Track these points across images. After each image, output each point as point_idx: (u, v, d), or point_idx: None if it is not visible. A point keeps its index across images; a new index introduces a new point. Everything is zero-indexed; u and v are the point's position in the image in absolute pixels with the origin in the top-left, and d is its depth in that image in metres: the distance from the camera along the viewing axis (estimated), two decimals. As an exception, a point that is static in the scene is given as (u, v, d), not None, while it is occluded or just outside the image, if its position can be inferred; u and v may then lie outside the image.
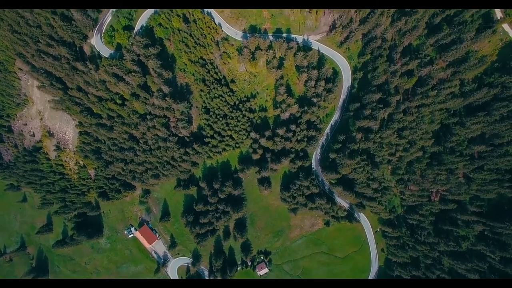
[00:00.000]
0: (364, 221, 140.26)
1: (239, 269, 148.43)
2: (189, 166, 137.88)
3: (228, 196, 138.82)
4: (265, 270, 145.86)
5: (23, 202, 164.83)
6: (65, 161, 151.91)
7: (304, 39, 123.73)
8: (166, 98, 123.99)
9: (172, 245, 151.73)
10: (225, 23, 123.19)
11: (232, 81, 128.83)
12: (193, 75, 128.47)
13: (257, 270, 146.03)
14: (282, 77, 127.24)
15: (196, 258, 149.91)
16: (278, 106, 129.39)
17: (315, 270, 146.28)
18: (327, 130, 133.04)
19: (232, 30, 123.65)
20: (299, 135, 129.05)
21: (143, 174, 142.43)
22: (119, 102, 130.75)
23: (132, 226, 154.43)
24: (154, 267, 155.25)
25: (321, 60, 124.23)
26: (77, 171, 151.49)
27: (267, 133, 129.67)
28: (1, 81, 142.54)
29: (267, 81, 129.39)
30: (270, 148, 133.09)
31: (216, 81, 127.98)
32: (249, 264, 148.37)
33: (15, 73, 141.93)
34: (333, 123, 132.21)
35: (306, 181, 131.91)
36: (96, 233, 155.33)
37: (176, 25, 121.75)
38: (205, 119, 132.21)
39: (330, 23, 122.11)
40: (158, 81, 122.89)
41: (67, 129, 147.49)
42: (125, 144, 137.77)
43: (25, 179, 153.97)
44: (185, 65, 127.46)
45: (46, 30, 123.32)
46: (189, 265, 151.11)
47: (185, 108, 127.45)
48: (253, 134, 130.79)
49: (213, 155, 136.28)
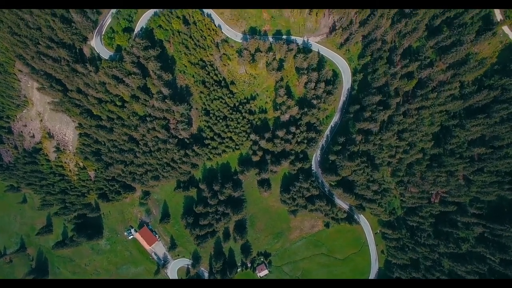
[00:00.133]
0: (364, 222, 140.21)
1: (239, 270, 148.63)
2: (189, 167, 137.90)
3: (228, 197, 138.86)
4: (265, 271, 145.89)
5: (23, 203, 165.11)
6: (65, 163, 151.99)
7: (304, 41, 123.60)
8: (166, 100, 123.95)
9: (172, 246, 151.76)
10: (225, 25, 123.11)
11: (232, 83, 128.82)
12: (193, 77, 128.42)
13: (257, 271, 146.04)
14: (282, 79, 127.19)
15: (196, 259, 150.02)
16: (278, 108, 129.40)
17: (315, 271, 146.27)
18: (327, 132, 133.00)
19: (232, 32, 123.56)
20: (299, 137, 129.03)
21: (143, 175, 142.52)
22: (119, 104, 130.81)
23: (132, 227, 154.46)
24: (154, 268, 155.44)
25: (321, 62, 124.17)
26: (77, 173, 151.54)
27: (267, 135, 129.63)
28: (1, 83, 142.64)
29: (267, 83, 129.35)
30: (270, 150, 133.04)
31: (216, 83, 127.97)
32: (249, 265, 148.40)
33: (15, 75, 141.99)
34: (333, 125, 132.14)
35: (306, 183, 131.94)
36: (96, 235, 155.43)
37: (176, 27, 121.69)
38: (205, 120, 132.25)
39: (330, 25, 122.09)
40: (158, 83, 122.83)
41: (67, 130, 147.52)
42: (125, 145, 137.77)
43: (25, 180, 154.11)
44: (185, 67, 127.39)
45: (46, 32, 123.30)
46: (189, 267, 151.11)
47: (185, 110, 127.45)
48: (253, 136, 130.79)
49: (213, 156, 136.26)
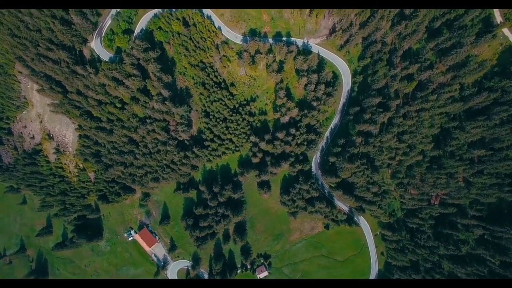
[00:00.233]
0: (363, 224, 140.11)
1: (239, 272, 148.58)
2: (188, 169, 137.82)
3: (227, 199, 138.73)
4: (265, 273, 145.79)
5: (23, 204, 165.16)
6: (65, 164, 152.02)
7: (304, 43, 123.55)
8: (165, 102, 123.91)
9: (172, 248, 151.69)
10: (225, 26, 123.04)
11: (232, 84, 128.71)
12: (193, 78, 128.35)
13: (256, 273, 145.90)
14: (282, 80, 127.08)
15: (196, 261, 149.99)
16: (278, 109, 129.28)
17: (314, 273, 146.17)
18: (327, 133, 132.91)
19: (232, 33, 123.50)
20: (299, 138, 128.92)
21: (143, 177, 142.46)
22: (118, 105, 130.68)
23: (132, 229, 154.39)
24: (153, 270, 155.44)
25: (321, 63, 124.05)
26: (77, 174, 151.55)
27: (267, 136, 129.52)
28: (1, 84, 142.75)
29: (267, 84, 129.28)
30: (270, 151, 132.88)
31: (216, 85, 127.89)
32: (248, 267, 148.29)
33: (15, 76, 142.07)
34: (333, 127, 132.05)
35: (305, 184, 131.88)
36: (96, 236, 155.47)
37: (175, 28, 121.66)
38: (204, 122, 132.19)
39: (330, 27, 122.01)
40: (157, 85, 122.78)
41: (66, 132, 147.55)
42: (125, 147, 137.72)
43: (25, 181, 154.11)
44: (185, 68, 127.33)
45: (45, 34, 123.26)
46: (189, 268, 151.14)
47: (184, 111, 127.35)
48: (252, 137, 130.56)
49: (213, 158, 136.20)
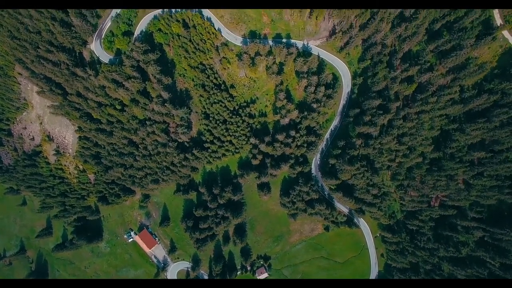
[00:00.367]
0: (363, 226, 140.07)
1: (238, 273, 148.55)
2: (188, 171, 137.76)
3: (227, 201, 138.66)
4: (265, 274, 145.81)
5: (23, 205, 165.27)
6: (65, 165, 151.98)
7: (304, 45, 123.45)
8: (165, 103, 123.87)
9: (171, 249, 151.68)
10: (225, 28, 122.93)
11: (231, 86, 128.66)
12: (193, 80, 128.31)
13: (256, 274, 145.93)
14: (281, 82, 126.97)
15: (195, 262, 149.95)
16: (277, 111, 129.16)
17: (314, 274, 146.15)
18: (327, 135, 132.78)
19: (231, 35, 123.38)
20: (298, 140, 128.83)
21: (143, 179, 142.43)
22: (118, 107, 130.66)
23: (132, 230, 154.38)
24: (153, 271, 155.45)
25: (321, 65, 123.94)
26: (77, 176, 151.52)
27: (267, 138, 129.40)
28: (1, 86, 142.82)
29: (267, 86, 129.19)
30: (269, 153, 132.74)
31: (215, 87, 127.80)
32: (248, 268, 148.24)
33: (15, 78, 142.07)
34: (332, 129, 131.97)
35: (305, 186, 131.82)
36: (95, 237, 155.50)
37: (175, 30, 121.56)
38: (204, 124, 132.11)
39: (330, 29, 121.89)
40: (157, 87, 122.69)
41: (66, 133, 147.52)
42: (125, 149, 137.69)
43: (25, 182, 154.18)
44: (185, 70, 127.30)
45: (45, 36, 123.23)
46: (189, 270, 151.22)
47: (184, 113, 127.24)
48: (252, 139, 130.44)
49: (213, 160, 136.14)
